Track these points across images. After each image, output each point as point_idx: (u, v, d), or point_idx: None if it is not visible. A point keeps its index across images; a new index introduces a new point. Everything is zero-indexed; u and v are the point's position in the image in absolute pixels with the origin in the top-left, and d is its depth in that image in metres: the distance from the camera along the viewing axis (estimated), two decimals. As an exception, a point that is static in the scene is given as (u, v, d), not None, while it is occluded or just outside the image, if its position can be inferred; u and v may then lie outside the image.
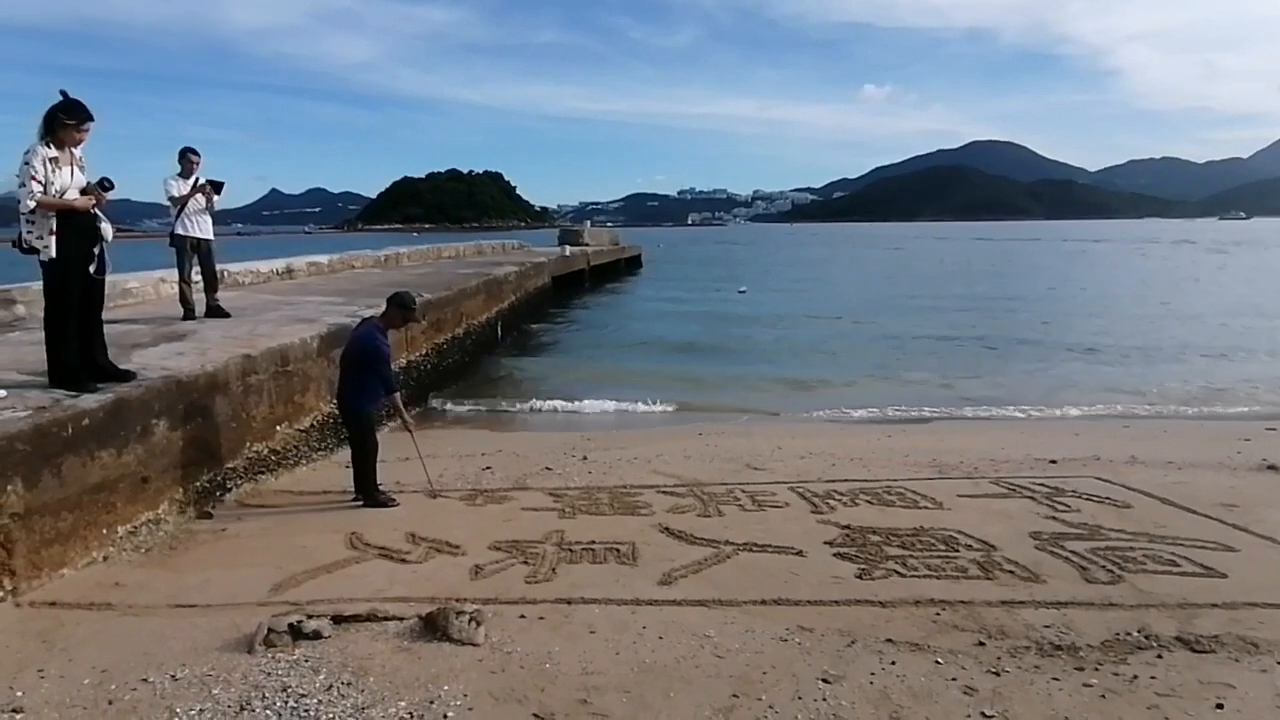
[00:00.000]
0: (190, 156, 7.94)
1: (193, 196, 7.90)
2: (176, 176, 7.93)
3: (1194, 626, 3.59)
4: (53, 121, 4.66)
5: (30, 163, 4.57)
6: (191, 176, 7.95)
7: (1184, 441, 7.80)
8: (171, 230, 8.03)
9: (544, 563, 4.40)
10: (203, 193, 7.95)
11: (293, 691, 2.99)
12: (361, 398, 5.56)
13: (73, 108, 4.72)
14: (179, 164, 7.95)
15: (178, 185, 7.88)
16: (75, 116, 4.72)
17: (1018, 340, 16.95)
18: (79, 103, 4.76)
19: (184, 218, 7.92)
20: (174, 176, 7.92)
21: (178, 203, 7.87)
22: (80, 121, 4.75)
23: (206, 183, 8.01)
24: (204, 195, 7.97)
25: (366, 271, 16.14)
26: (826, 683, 3.09)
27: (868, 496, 5.65)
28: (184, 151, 7.98)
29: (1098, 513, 5.26)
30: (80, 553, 4.31)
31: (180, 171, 7.94)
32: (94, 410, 4.47)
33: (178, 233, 7.97)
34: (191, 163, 7.94)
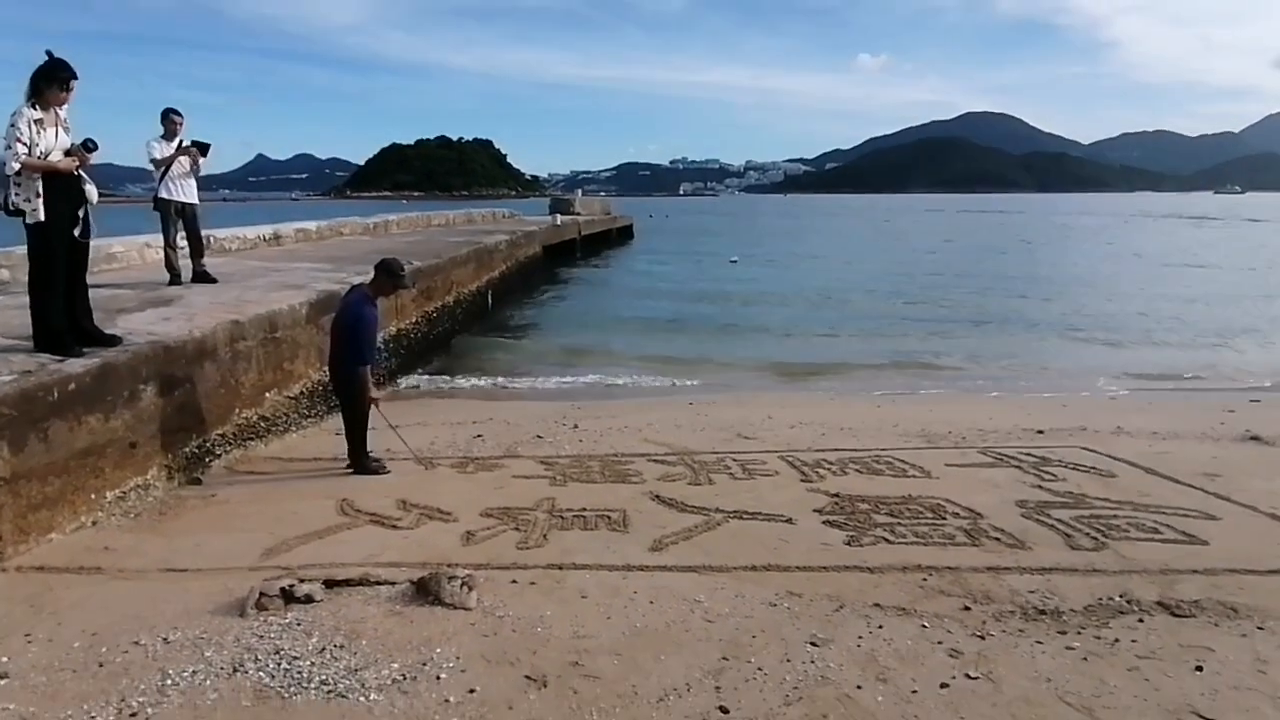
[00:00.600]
0: (173, 117, 7.75)
1: (177, 159, 7.74)
2: (159, 139, 7.75)
3: (1175, 592, 3.65)
4: (38, 82, 4.61)
5: (15, 125, 4.50)
6: (175, 138, 7.78)
7: (1169, 412, 7.88)
8: (155, 194, 7.88)
9: (535, 529, 4.42)
10: (188, 155, 7.79)
11: (286, 654, 3.01)
12: (349, 366, 5.52)
13: (57, 67, 4.67)
14: (161, 125, 7.77)
15: (161, 147, 7.72)
16: (60, 76, 4.66)
17: (1007, 313, 17.02)
18: (63, 62, 4.70)
19: (168, 181, 7.76)
20: (156, 139, 7.75)
21: (161, 165, 7.71)
22: (65, 81, 4.69)
23: (192, 143, 7.84)
24: (189, 157, 7.81)
25: (355, 239, 15.97)
26: (815, 646, 3.13)
27: (857, 465, 5.69)
28: (166, 112, 7.79)
29: (1083, 482, 5.32)
30: (68, 517, 4.30)
31: (163, 133, 7.76)
32: (80, 375, 4.43)
33: (161, 197, 7.82)
34: (174, 124, 7.76)
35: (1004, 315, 16.85)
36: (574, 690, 2.81)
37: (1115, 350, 13.01)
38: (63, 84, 4.69)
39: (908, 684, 2.87)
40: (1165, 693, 2.84)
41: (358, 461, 5.52)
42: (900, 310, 17.72)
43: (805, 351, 12.84)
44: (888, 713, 2.69)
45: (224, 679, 2.85)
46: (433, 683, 2.84)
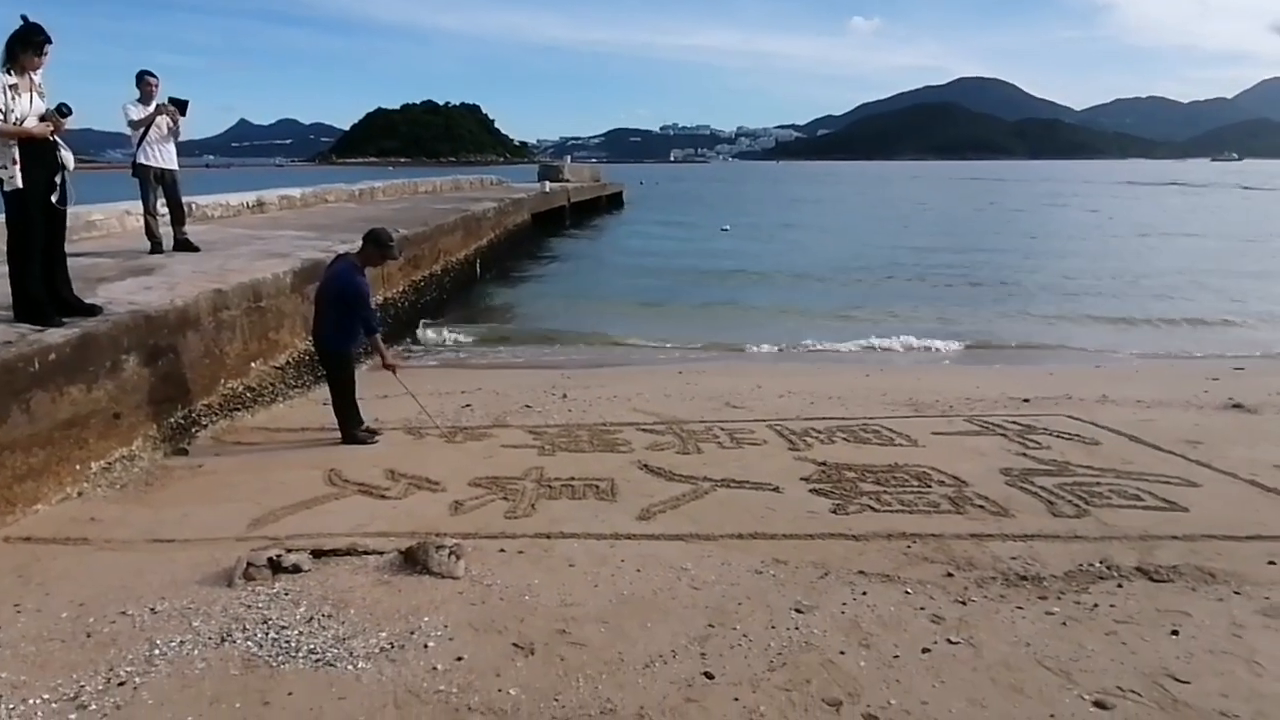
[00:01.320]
0: (148, 79, 7.56)
1: (155, 121, 7.56)
2: (135, 102, 7.57)
3: (1154, 557, 3.71)
4: (12, 47, 4.50)
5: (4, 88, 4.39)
6: (151, 101, 7.60)
7: (1154, 381, 7.94)
8: (133, 160, 7.72)
9: (523, 498, 4.44)
10: (166, 114, 7.61)
11: (273, 623, 3.02)
12: (338, 336, 5.47)
13: (31, 31, 4.54)
14: (137, 88, 7.59)
15: (137, 110, 7.54)
16: (34, 40, 4.54)
17: (997, 282, 17.04)
18: (38, 25, 4.57)
19: (145, 146, 7.60)
20: (133, 102, 7.57)
21: (138, 127, 7.54)
22: (39, 45, 4.57)
23: (170, 100, 7.65)
24: (168, 117, 7.63)
25: (341, 206, 15.76)
26: (799, 612, 3.17)
27: (844, 434, 5.72)
28: (141, 75, 7.59)
29: (1067, 450, 5.37)
30: (54, 488, 4.28)
31: (139, 96, 7.58)
32: (60, 345, 4.37)
33: (140, 162, 7.66)
34: (150, 86, 7.57)
35: (992, 284, 16.89)
36: (561, 657, 2.84)
37: (1104, 321, 13.08)
38: (37, 48, 4.57)
39: (890, 649, 2.91)
40: (1142, 656, 2.90)
41: (345, 431, 5.50)
42: (888, 280, 17.73)
43: (798, 326, 12.87)
44: (870, 677, 2.74)
45: (212, 649, 2.86)
46: (420, 651, 2.86)
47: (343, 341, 5.49)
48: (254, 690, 2.62)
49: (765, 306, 14.16)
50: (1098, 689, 2.69)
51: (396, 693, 2.61)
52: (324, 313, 5.51)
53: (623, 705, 2.57)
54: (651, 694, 2.63)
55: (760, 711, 2.54)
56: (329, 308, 5.46)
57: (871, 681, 2.71)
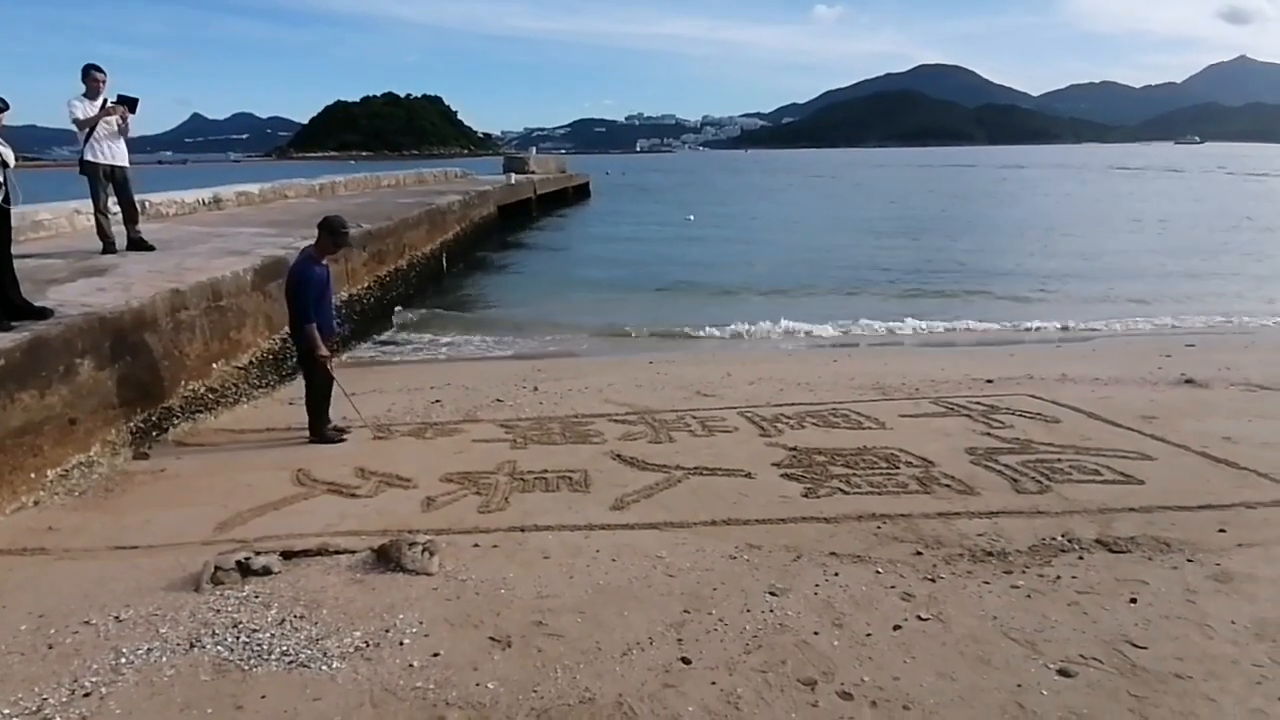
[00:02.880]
0: (95, 74, 7.29)
1: (102, 118, 7.32)
2: (81, 97, 7.29)
3: (1112, 530, 3.83)
4: None
5: None
6: (98, 96, 7.34)
7: (1110, 359, 8.16)
8: (80, 157, 7.45)
9: (496, 492, 4.42)
10: (114, 113, 7.37)
11: (244, 627, 2.97)
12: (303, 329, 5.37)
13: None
14: (83, 83, 7.31)
15: (84, 106, 7.27)
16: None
17: (960, 267, 17.34)
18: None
19: (93, 143, 7.35)
20: (78, 97, 7.29)
21: (85, 126, 7.29)
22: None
23: (118, 99, 7.41)
24: (116, 116, 7.39)
25: (301, 201, 15.45)
26: (774, 595, 3.21)
27: (814, 419, 5.79)
28: (87, 69, 7.32)
29: (1029, 428, 5.50)
30: (7, 498, 4.15)
31: (85, 91, 7.31)
32: (10, 350, 4.23)
33: (88, 159, 7.39)
34: (97, 81, 7.30)
35: (961, 264, 17.19)
36: (538, 649, 2.84)
37: (1060, 301, 13.39)
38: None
39: (862, 628, 2.97)
40: (1102, 625, 2.99)
41: (314, 429, 5.42)
42: (854, 265, 17.93)
43: (758, 294, 12.96)
44: (843, 656, 2.79)
45: (181, 655, 2.81)
46: (396, 649, 2.85)
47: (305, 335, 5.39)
48: (226, 695, 2.58)
49: (730, 292, 14.23)
50: (1061, 658, 2.77)
51: (373, 691, 2.60)
52: (289, 308, 5.41)
53: (602, 693, 2.58)
54: (630, 681, 2.65)
55: (737, 694, 2.58)
56: (291, 302, 5.37)
57: (845, 660, 2.76)
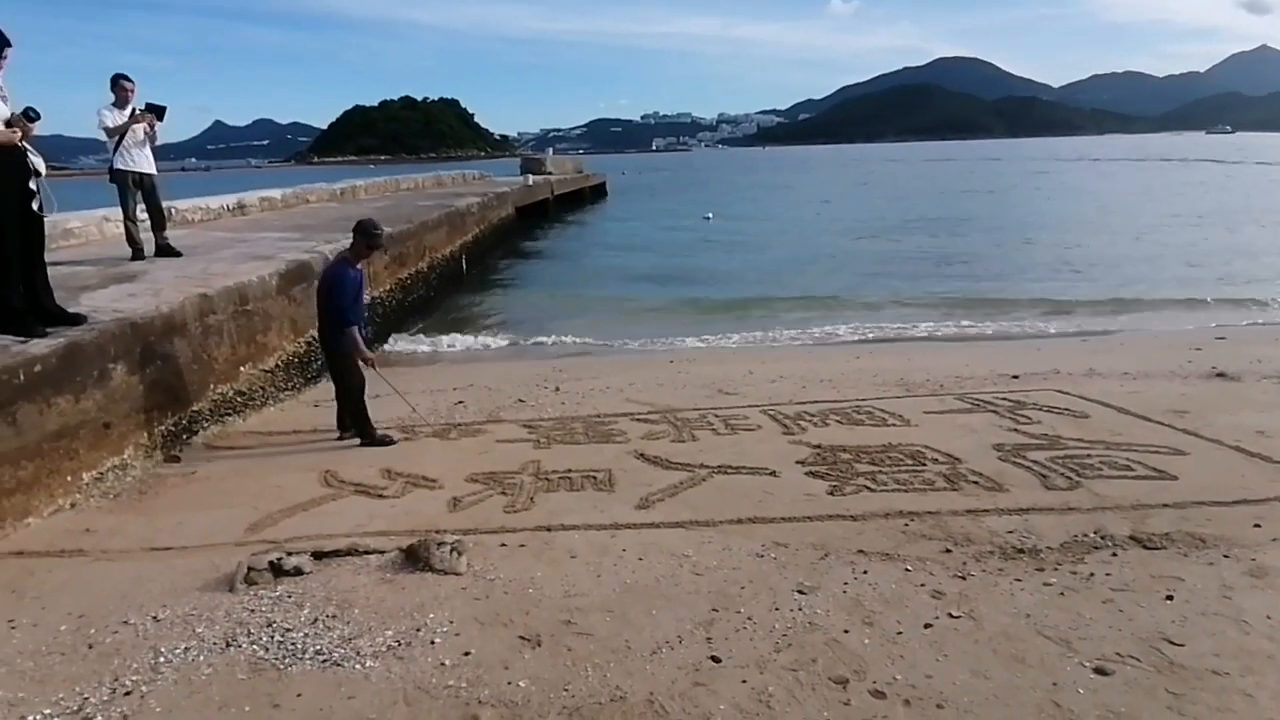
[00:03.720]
0: (123, 83, 7.42)
1: (131, 127, 7.44)
2: (110, 106, 7.43)
3: (1146, 526, 3.77)
4: None
5: None
6: (127, 105, 7.46)
7: (1139, 352, 8.04)
8: (110, 165, 7.59)
9: (522, 492, 4.44)
10: (142, 121, 7.48)
11: (278, 626, 3.01)
12: (336, 334, 5.43)
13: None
14: (112, 93, 7.44)
15: (113, 115, 7.41)
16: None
17: (981, 261, 17.16)
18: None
19: (123, 151, 7.48)
20: (107, 106, 7.43)
21: (114, 134, 7.42)
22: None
23: (146, 107, 7.53)
24: (144, 124, 7.51)
25: (323, 206, 15.61)
26: (802, 594, 3.20)
27: (837, 416, 5.76)
28: (116, 79, 7.45)
29: (1057, 423, 5.43)
30: (45, 501, 4.23)
31: (114, 101, 7.45)
32: (46, 356, 4.32)
33: (117, 167, 7.53)
34: (125, 90, 7.43)
35: (984, 259, 17.02)
36: (568, 648, 2.85)
37: (1084, 288, 13.21)
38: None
39: (893, 626, 2.95)
40: (1139, 622, 2.95)
41: (362, 432, 5.45)
42: (878, 254, 17.85)
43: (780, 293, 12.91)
44: (874, 654, 2.77)
45: (217, 654, 2.85)
46: (427, 647, 2.87)
47: (339, 340, 5.45)
48: (262, 693, 2.62)
49: (750, 295, 14.17)
50: (1097, 656, 2.74)
51: (406, 690, 2.62)
52: (321, 312, 5.47)
53: (632, 692, 2.59)
54: (660, 679, 2.65)
55: (769, 692, 2.57)
56: (324, 307, 5.42)
57: (876, 658, 2.74)
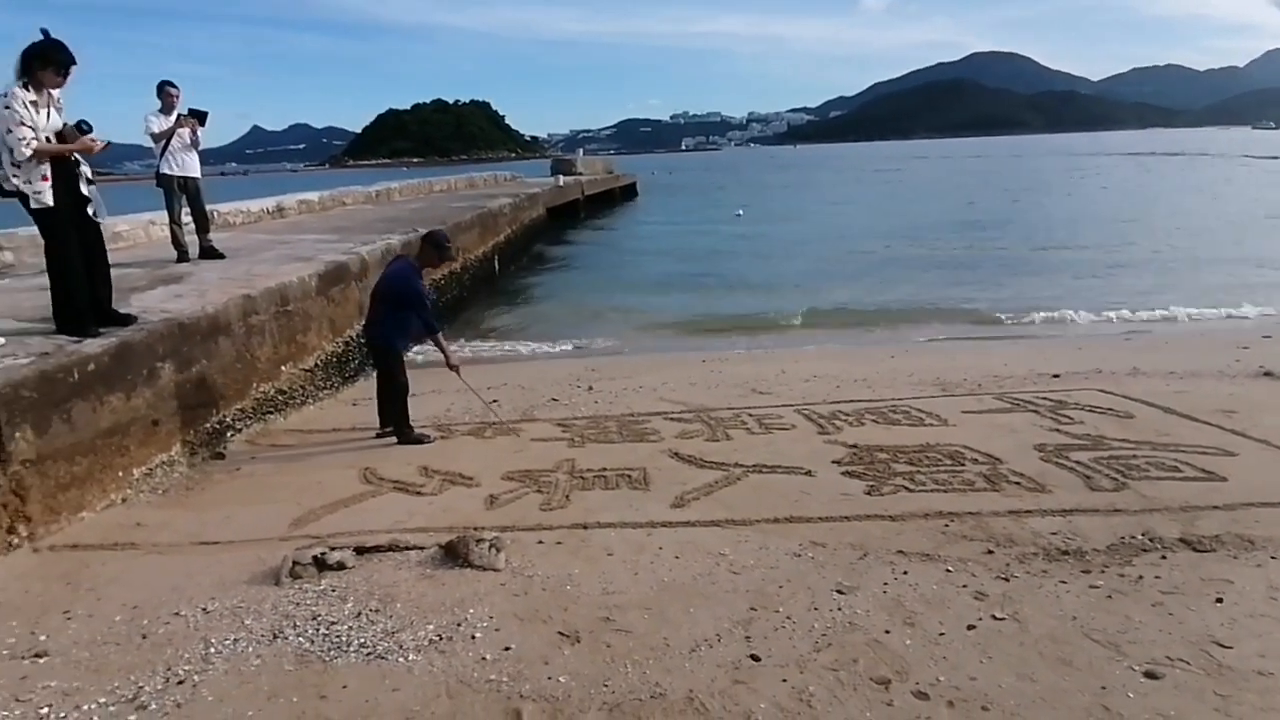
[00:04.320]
0: (169, 90, 7.64)
1: (176, 131, 7.64)
2: (156, 112, 7.64)
3: (1196, 528, 3.68)
4: (30, 62, 4.43)
5: (12, 108, 4.34)
6: (172, 111, 7.68)
7: (1185, 351, 7.83)
8: (156, 170, 7.81)
9: (557, 490, 4.47)
10: (186, 125, 7.68)
11: (323, 619, 3.07)
12: (394, 334, 5.51)
13: (53, 49, 4.47)
14: (158, 99, 7.67)
15: (159, 121, 7.61)
16: (56, 59, 4.48)
17: (1019, 259, 16.86)
18: (59, 44, 4.51)
19: (168, 156, 7.68)
20: (154, 113, 7.64)
21: (160, 139, 7.63)
22: (62, 66, 4.52)
23: (190, 112, 7.73)
24: (188, 128, 7.70)
25: (358, 208, 15.87)
26: (841, 593, 3.18)
27: (873, 416, 5.70)
28: (162, 85, 7.68)
29: (1101, 424, 5.32)
30: (98, 496, 4.36)
31: (160, 107, 7.66)
32: (99, 355, 4.45)
33: (163, 172, 7.74)
34: (171, 96, 7.64)
35: (1020, 257, 16.73)
36: (607, 645, 2.87)
37: (1128, 285, 12.90)
38: (59, 68, 4.50)
39: (935, 627, 2.91)
40: (1188, 625, 2.88)
41: (400, 431, 5.54)
42: (911, 252, 17.63)
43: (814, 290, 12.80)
44: (917, 655, 2.74)
45: (265, 645, 2.92)
46: (469, 642, 2.90)
47: (396, 340, 5.53)
48: (309, 685, 2.67)
49: (786, 292, 14.09)
50: (1147, 659, 2.68)
51: (449, 683, 2.66)
52: (379, 311, 5.55)
53: (672, 689, 2.59)
54: (700, 677, 2.65)
55: (809, 691, 2.55)
56: (385, 306, 5.50)
57: (919, 659, 2.71)
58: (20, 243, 7.76)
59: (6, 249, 7.91)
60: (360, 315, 7.69)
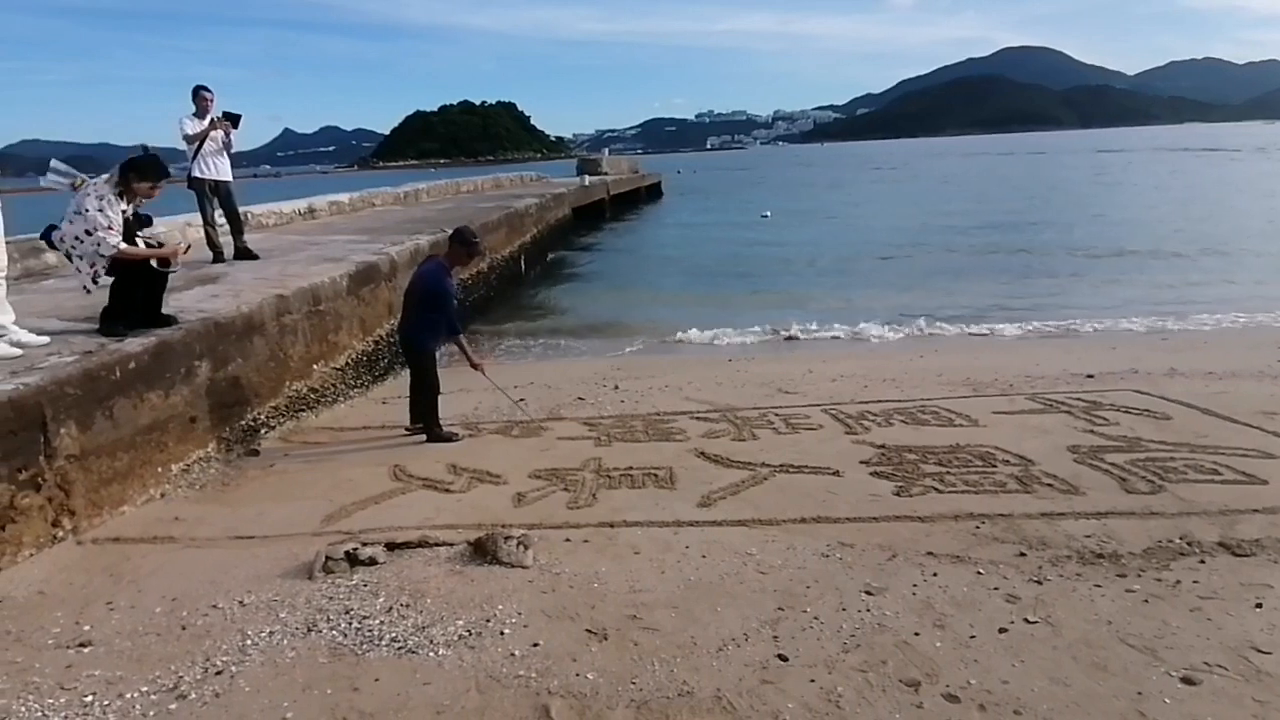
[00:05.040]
0: (204, 94, 7.79)
1: (210, 134, 7.78)
2: (191, 116, 7.78)
3: (1235, 532, 3.60)
4: (128, 173, 4.74)
5: (105, 211, 4.66)
6: (206, 115, 7.82)
7: (1224, 351, 7.65)
8: (188, 173, 7.93)
9: (584, 489, 4.49)
10: (220, 128, 7.82)
11: (355, 613, 3.13)
12: (425, 334, 5.59)
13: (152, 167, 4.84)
14: (193, 103, 7.81)
15: (193, 124, 7.74)
16: (151, 176, 4.83)
17: (1051, 258, 16.58)
18: (158, 162, 4.90)
19: (200, 159, 7.81)
20: (188, 116, 7.78)
21: (194, 142, 7.76)
22: (156, 183, 4.88)
23: (223, 115, 7.86)
24: (222, 131, 7.84)
25: (387, 209, 16.07)
26: (869, 594, 3.16)
27: (902, 416, 5.65)
28: (197, 89, 7.83)
29: (1137, 425, 5.22)
30: (138, 490, 4.48)
31: (195, 111, 7.81)
32: (139, 354, 4.57)
33: (195, 175, 7.85)
34: (205, 100, 7.78)
35: (1052, 255, 16.45)
36: (634, 642, 2.88)
37: (1164, 284, 12.63)
38: (154, 184, 4.87)
39: (965, 629, 2.88)
40: (1226, 631, 2.83)
41: (430, 430, 5.61)
42: (943, 252, 17.40)
43: (843, 291, 12.67)
44: (947, 657, 2.72)
45: (299, 638, 2.98)
46: (497, 638, 2.94)
47: (427, 340, 5.61)
48: (342, 677, 2.72)
49: (811, 292, 13.99)
50: (1184, 665, 2.63)
51: (478, 678, 2.69)
52: (411, 311, 5.63)
53: (699, 687, 2.60)
54: (727, 676, 2.65)
55: (838, 692, 2.55)
56: (416, 306, 5.58)
57: (949, 662, 2.69)
58: (63, 244, 7.96)
59: (50, 250, 8.12)
60: (390, 315, 7.81)
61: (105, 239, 4.64)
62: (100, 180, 4.76)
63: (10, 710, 2.58)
